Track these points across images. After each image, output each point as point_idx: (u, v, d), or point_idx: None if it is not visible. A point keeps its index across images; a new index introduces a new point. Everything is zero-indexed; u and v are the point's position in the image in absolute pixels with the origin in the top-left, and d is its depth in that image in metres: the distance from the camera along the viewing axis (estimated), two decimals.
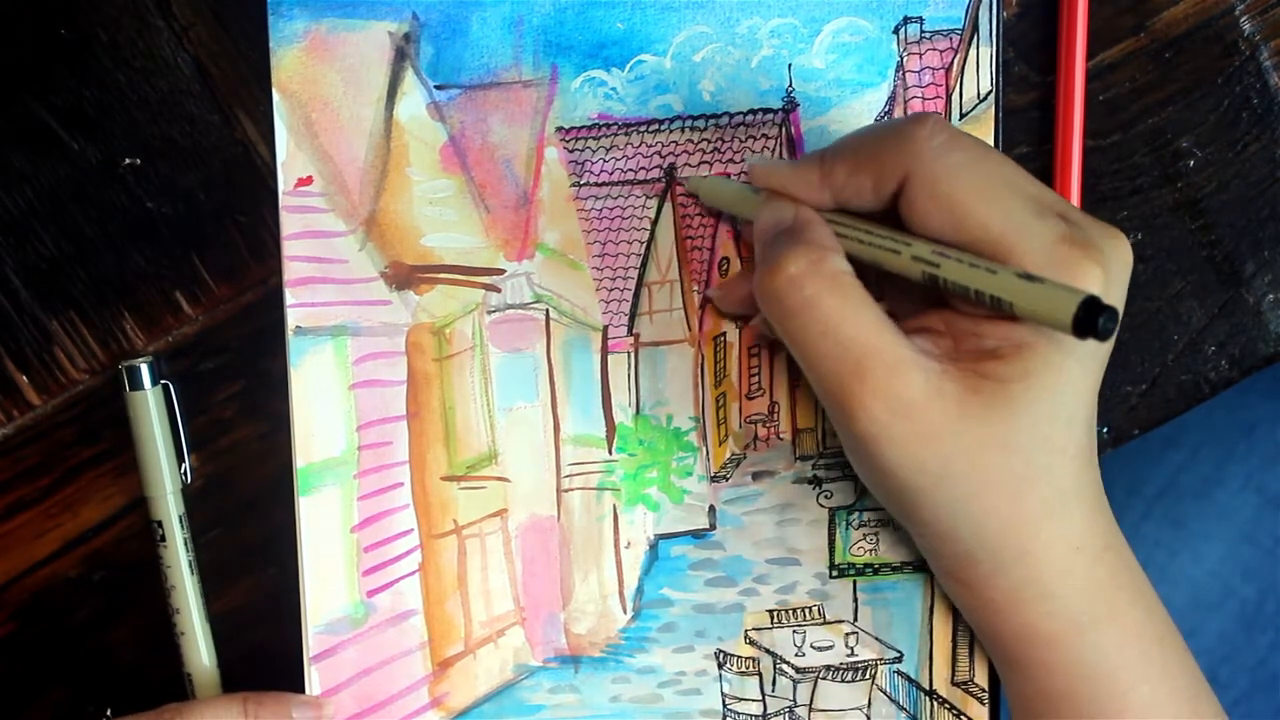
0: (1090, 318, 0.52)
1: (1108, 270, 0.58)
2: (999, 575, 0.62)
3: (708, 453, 0.71)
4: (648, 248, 0.70)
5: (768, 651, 0.71)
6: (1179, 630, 0.65)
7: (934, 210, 0.58)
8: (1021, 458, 0.59)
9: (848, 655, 0.72)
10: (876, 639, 0.72)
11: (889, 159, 0.60)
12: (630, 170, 0.70)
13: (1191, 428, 1.02)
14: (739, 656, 0.71)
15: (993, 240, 0.57)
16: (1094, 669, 0.62)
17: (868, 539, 0.71)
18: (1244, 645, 1.01)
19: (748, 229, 0.69)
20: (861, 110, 0.70)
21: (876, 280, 0.62)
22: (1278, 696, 1.01)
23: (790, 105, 0.70)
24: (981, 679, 0.72)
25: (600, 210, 0.70)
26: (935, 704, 0.72)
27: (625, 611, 0.71)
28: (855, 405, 0.58)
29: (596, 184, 0.70)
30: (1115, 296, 0.59)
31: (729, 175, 0.70)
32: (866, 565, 0.71)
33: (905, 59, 0.70)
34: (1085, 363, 0.59)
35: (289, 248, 0.69)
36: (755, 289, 0.61)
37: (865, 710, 0.72)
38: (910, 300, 0.64)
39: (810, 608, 0.72)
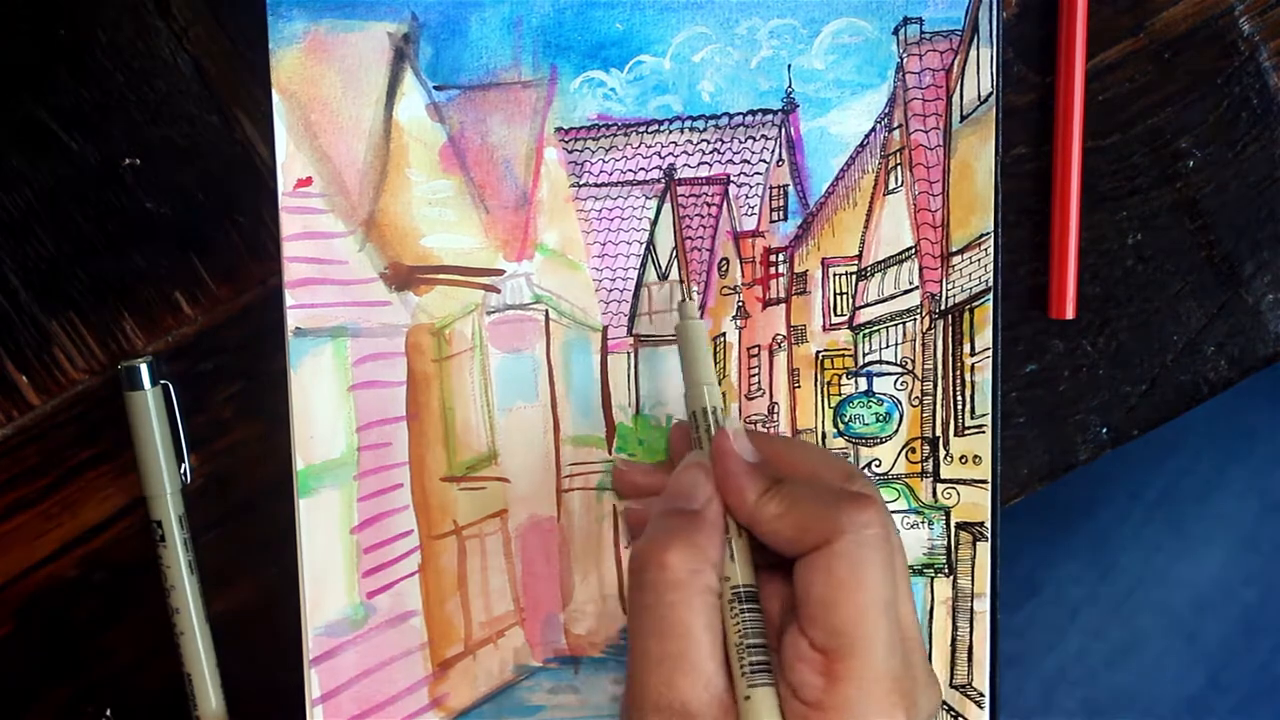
0: None
1: None
2: None
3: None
4: (647, 248, 0.70)
5: None
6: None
7: (819, 586, 0.58)
8: None
9: None
10: None
11: (819, 527, 0.59)
12: (629, 171, 0.70)
13: (1192, 432, 1.02)
14: None
15: (842, 640, 0.57)
16: None
17: None
18: (1245, 649, 1.01)
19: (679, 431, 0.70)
20: (861, 111, 0.70)
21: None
22: (1279, 701, 1.01)
23: (790, 106, 0.70)
24: (980, 683, 0.72)
25: (599, 211, 0.70)
26: None
27: (625, 612, 0.71)
28: (649, 699, 0.58)
29: (596, 184, 0.70)
30: None
31: (727, 176, 0.70)
32: None
33: (905, 60, 0.70)
34: None
35: (288, 249, 0.69)
36: (633, 547, 0.62)
37: None
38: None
39: None
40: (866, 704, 0.56)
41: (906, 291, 0.71)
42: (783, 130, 0.70)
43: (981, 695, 0.72)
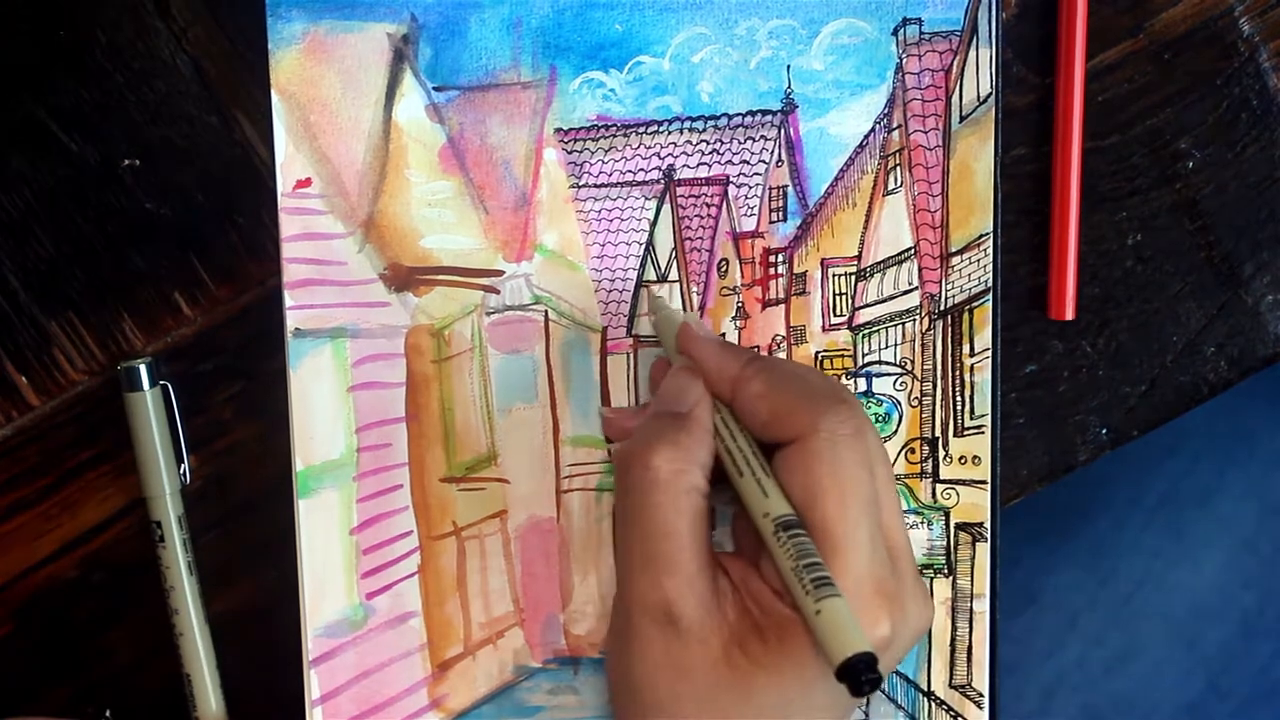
0: (855, 670, 0.53)
1: (897, 632, 0.59)
2: None
3: None
4: (646, 249, 0.70)
5: None
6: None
7: (798, 481, 0.60)
8: None
9: None
10: None
11: (796, 416, 0.61)
12: (629, 171, 0.70)
13: (1192, 435, 1.02)
14: None
15: (824, 537, 0.58)
16: None
17: None
18: (1244, 654, 1.01)
19: (659, 366, 0.70)
20: (860, 112, 0.70)
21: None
22: (1279, 705, 1.01)
23: (789, 107, 0.70)
24: (979, 683, 0.72)
25: (599, 211, 0.70)
26: (934, 705, 0.72)
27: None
28: (634, 593, 0.60)
29: (595, 185, 0.70)
30: (891, 657, 0.61)
31: (726, 177, 0.70)
32: None
33: (904, 60, 0.70)
34: (835, 698, 0.59)
35: (288, 250, 0.69)
36: (617, 452, 0.65)
37: (864, 709, 0.72)
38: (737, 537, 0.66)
39: None
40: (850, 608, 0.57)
41: (906, 292, 0.71)
42: (782, 131, 0.70)
43: (981, 695, 0.72)
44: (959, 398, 0.71)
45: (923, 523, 0.72)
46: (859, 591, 0.58)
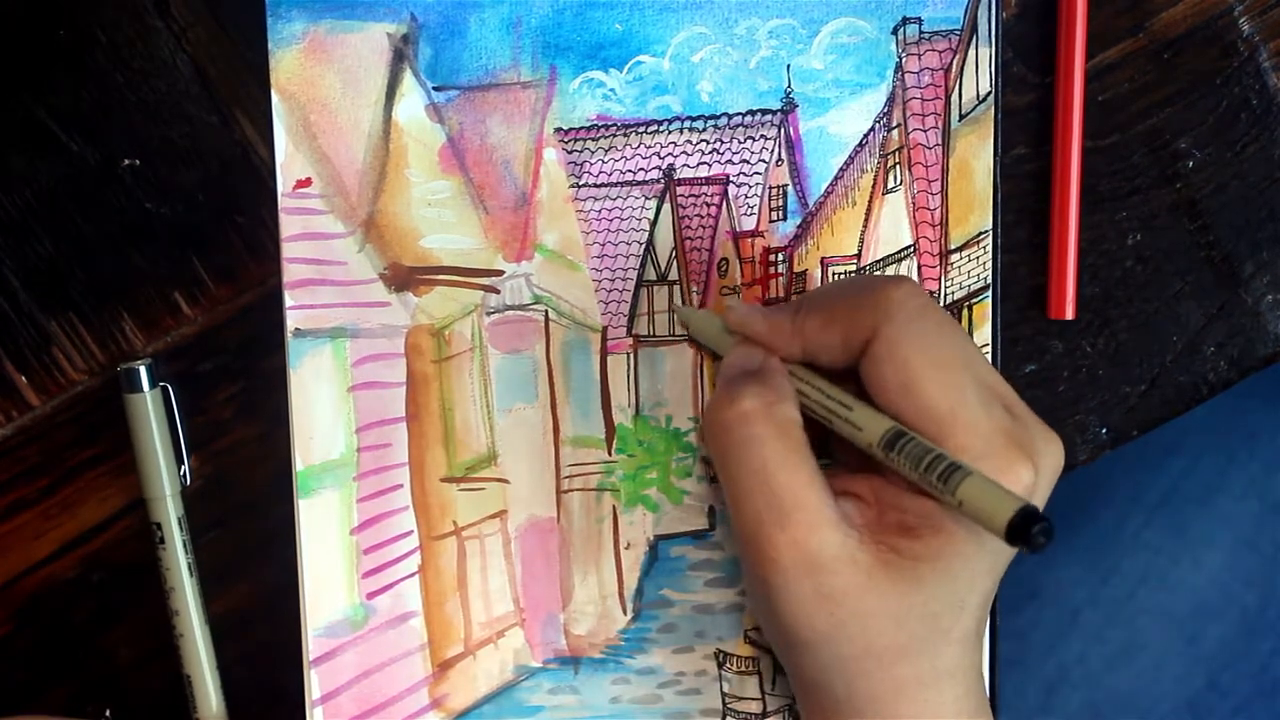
0: (1025, 526, 0.53)
1: (1039, 473, 0.59)
2: None
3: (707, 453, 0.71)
4: (646, 248, 0.70)
5: (767, 651, 0.71)
6: None
7: (890, 374, 0.59)
8: (907, 631, 0.59)
9: None
10: None
11: (860, 316, 0.61)
12: (629, 171, 0.70)
13: (1193, 434, 1.02)
14: (739, 656, 0.71)
15: (937, 416, 0.59)
16: None
17: None
18: (1245, 651, 1.01)
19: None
20: (860, 111, 0.70)
21: (825, 433, 0.63)
22: (1279, 703, 1.01)
23: (789, 106, 0.70)
24: None
25: (599, 211, 0.70)
26: None
27: (625, 612, 0.71)
28: (768, 552, 0.59)
29: (595, 185, 0.70)
30: (1039, 498, 0.61)
31: (726, 176, 0.70)
32: None
33: (904, 60, 0.70)
34: (996, 558, 0.61)
35: (288, 250, 0.69)
36: (704, 418, 0.65)
37: None
38: (849, 459, 0.66)
39: None
40: (986, 467, 0.57)
41: None
42: (782, 130, 0.70)
43: None
44: None
45: None
46: (991, 449, 0.58)
